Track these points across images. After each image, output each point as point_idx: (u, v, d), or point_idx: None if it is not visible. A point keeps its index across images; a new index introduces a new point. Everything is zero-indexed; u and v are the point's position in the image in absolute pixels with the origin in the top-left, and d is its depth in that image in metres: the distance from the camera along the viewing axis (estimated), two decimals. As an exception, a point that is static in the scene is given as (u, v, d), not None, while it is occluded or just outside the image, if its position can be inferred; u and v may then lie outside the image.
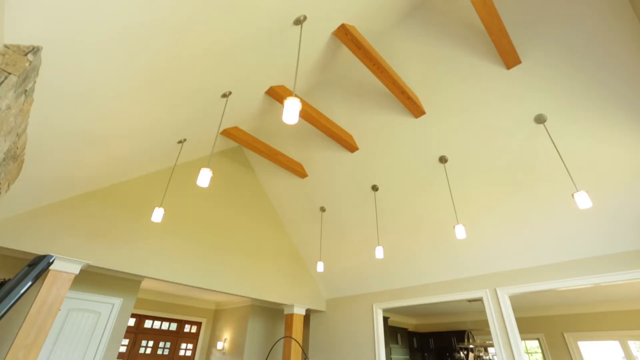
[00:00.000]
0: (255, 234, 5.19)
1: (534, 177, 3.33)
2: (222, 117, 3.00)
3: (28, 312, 3.07)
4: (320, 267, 4.25)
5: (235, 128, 4.15)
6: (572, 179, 2.72)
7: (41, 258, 1.25)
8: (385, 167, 4.10)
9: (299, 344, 2.98)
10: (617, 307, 6.17)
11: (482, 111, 3.27)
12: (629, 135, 2.80)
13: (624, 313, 6.12)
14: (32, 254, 3.37)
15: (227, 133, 4.08)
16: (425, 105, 3.52)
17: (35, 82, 1.58)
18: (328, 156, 4.43)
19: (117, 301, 4.61)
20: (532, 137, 3.16)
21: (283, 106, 3.62)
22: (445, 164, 3.72)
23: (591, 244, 3.41)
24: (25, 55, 1.25)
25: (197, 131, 3.66)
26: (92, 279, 4.51)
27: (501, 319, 3.81)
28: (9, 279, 1.18)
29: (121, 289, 4.70)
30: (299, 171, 4.69)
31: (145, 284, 5.75)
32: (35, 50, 1.31)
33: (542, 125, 3.07)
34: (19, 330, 2.96)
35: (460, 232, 3.14)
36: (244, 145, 4.29)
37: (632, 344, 6.01)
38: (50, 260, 1.27)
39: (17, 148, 1.87)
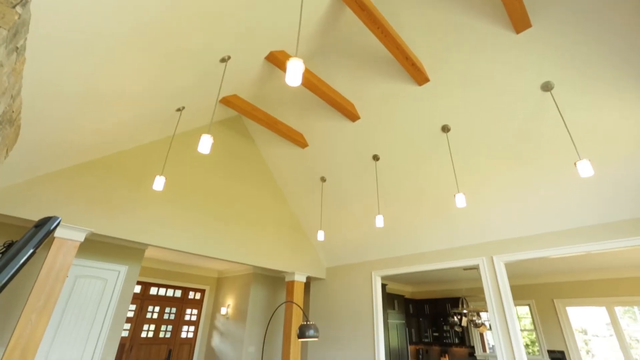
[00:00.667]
0: (255, 203, 5.24)
1: (536, 146, 3.31)
2: (222, 83, 2.91)
3: (37, 278, 3.15)
4: (320, 235, 4.32)
5: (235, 96, 4.05)
6: (575, 147, 2.71)
7: (47, 219, 1.24)
8: (387, 136, 4.06)
9: (300, 308, 3.09)
10: (605, 275, 6.41)
11: (488, 78, 3.18)
12: (637, 104, 2.75)
13: (611, 281, 6.37)
14: (33, 221, 3.40)
15: (226, 101, 3.99)
16: (429, 73, 3.43)
17: (26, 39, 1.50)
18: (329, 125, 4.37)
19: (123, 269, 4.73)
20: (537, 105, 3.10)
21: (284, 72, 3.55)
22: (448, 133, 3.68)
23: (589, 213, 3.46)
24: (14, 7, 1.18)
25: (195, 99, 3.58)
26: (97, 247, 4.60)
27: (496, 286, 3.94)
28: (16, 241, 1.17)
29: (126, 257, 4.80)
30: (300, 141, 4.64)
31: (149, 253, 5.88)
32: (23, 2, 1.24)
33: (548, 93, 3.01)
34: (30, 294, 3.05)
35: (460, 200, 3.17)
36: (244, 114, 4.21)
37: (618, 309, 6.30)
38: (57, 222, 1.27)
39: (13, 112, 1.82)
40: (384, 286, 6.76)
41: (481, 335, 7.66)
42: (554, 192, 3.50)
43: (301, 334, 3.64)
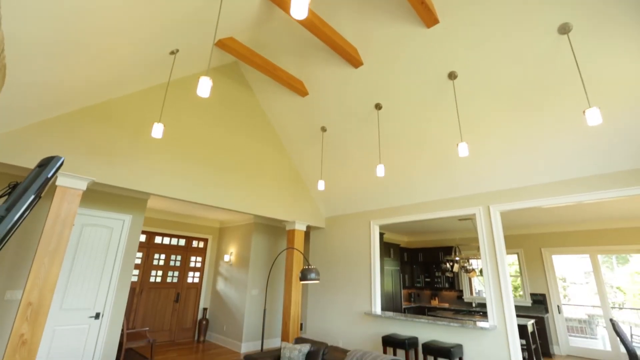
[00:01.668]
0: (255, 154, 5.21)
1: (543, 94, 3.22)
2: (217, 21, 2.71)
3: (44, 225, 3.22)
4: (321, 185, 4.37)
5: (231, 39, 3.82)
6: (586, 94, 2.63)
7: (50, 158, 1.21)
8: (391, 84, 3.92)
9: (302, 253, 3.22)
10: (591, 226, 6.75)
11: (503, 19, 2.98)
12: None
13: (596, 231, 6.75)
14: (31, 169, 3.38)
15: (222, 44, 3.77)
16: (439, 13, 3.20)
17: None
18: (330, 72, 4.19)
19: (127, 218, 4.83)
20: (551, 49, 2.95)
21: (284, 11, 3.29)
22: (455, 80, 3.55)
23: (588, 163, 3.48)
24: None
25: (189, 40, 3.37)
26: (101, 197, 4.66)
27: (490, 234, 4.09)
28: (21, 182, 1.15)
29: (129, 206, 4.88)
30: (299, 89, 4.48)
31: (152, 203, 5.97)
32: None
33: (565, 35, 2.85)
34: (40, 239, 3.14)
35: (463, 149, 3.16)
36: (241, 59, 4.01)
37: (600, 257, 6.69)
38: (61, 161, 1.24)
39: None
40: (381, 235, 7.02)
41: (470, 280, 8.16)
42: (555, 143, 3.48)
43: (303, 277, 3.85)
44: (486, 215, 4.18)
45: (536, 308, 6.92)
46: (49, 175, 1.22)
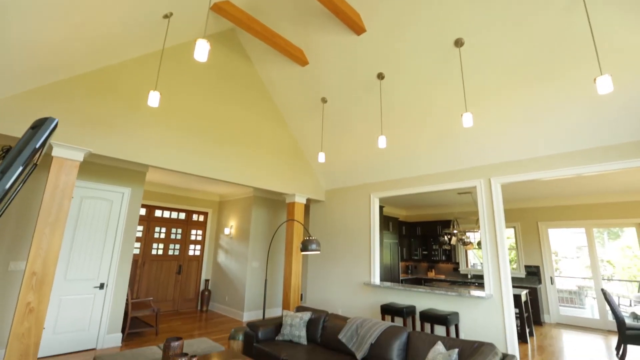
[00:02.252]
0: (254, 126, 5.12)
1: (551, 62, 3.11)
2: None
3: (43, 195, 3.19)
4: (321, 157, 4.32)
5: (228, 2, 3.62)
6: (598, 60, 2.54)
7: (44, 120, 1.15)
8: (394, 52, 3.77)
9: (302, 225, 3.22)
10: (586, 200, 6.86)
11: (514, -21, 2.82)
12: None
13: (591, 205, 6.86)
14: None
15: (218, 8, 3.58)
16: (448, -27, 3.02)
17: None
18: (331, 40, 4.02)
19: (126, 190, 4.81)
20: (564, 12, 2.81)
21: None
22: (461, 48, 3.42)
23: (592, 135, 3.43)
24: None
25: (184, 3, 3.19)
26: (99, 169, 4.61)
27: (490, 206, 4.10)
28: (14, 146, 1.10)
29: (128, 179, 4.85)
30: (299, 57, 4.32)
31: (151, 177, 5.93)
32: None
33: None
34: (39, 210, 3.12)
35: (467, 120, 3.09)
36: (238, 25, 3.83)
37: (595, 230, 6.82)
38: (55, 122, 1.18)
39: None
40: (380, 208, 7.07)
41: (466, 253, 8.33)
42: (560, 114, 3.41)
43: (304, 248, 3.90)
44: (487, 187, 4.17)
45: (530, 279, 7.11)
46: (44, 137, 1.16)
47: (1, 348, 3.66)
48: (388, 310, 4.35)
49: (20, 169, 1.06)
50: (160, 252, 6.73)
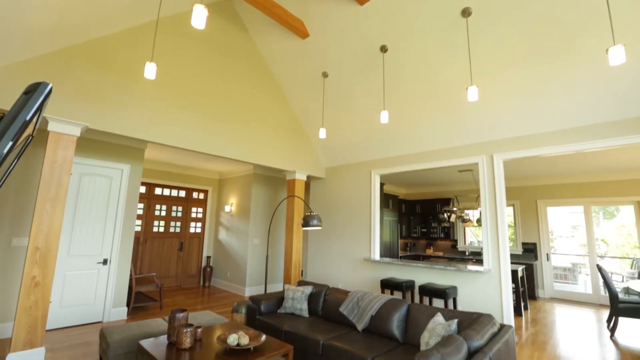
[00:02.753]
0: (253, 102, 5.01)
1: (562, 33, 3.00)
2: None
3: (41, 171, 3.15)
4: (322, 133, 4.26)
5: (223, -32, 3.44)
6: (612, 31, 2.44)
7: (37, 84, 1.10)
8: (399, 23, 3.63)
9: (303, 200, 3.21)
10: (585, 178, 6.89)
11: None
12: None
13: (590, 183, 6.90)
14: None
15: (214, -25, 3.40)
16: None
17: None
18: (332, 10, 3.86)
19: (125, 167, 4.77)
20: (578, -22, 2.68)
21: None
22: (468, 18, 3.29)
23: (599, 110, 3.37)
24: None
25: (178, -32, 3.02)
26: (97, 146, 4.55)
27: (492, 183, 4.09)
28: (6, 113, 1.04)
29: (127, 156, 4.80)
30: (299, 29, 4.17)
31: (150, 154, 5.87)
32: None
33: (595, -39, 2.56)
34: (39, 186, 3.09)
35: (472, 93, 3.01)
36: (236, -6, 3.65)
37: (593, 207, 6.89)
38: (49, 87, 1.12)
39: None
40: (380, 186, 7.08)
41: (464, 230, 8.43)
42: (567, 89, 3.33)
43: (305, 223, 3.91)
44: (489, 164, 4.15)
45: (526, 256, 7.24)
46: (39, 101, 1.11)
47: (10, 321, 3.75)
48: (388, 284, 4.44)
49: (17, 134, 1.02)
50: (161, 229, 6.78)
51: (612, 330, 4.41)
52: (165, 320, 3.35)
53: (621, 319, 5.34)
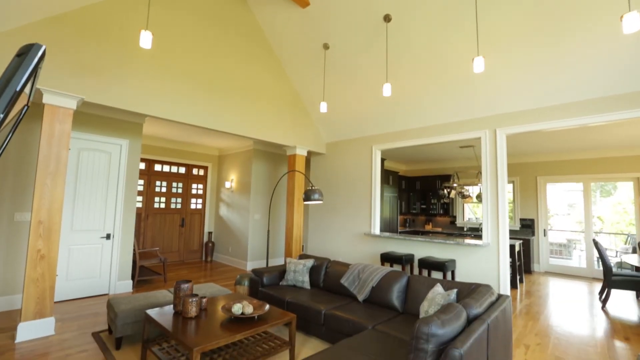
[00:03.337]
0: (253, 76, 4.88)
1: (570, 3, 2.87)
2: None
3: (39, 146, 3.11)
4: (323, 107, 4.18)
5: None
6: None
7: (30, 46, 1.04)
8: (404, -11, 3.47)
9: (304, 175, 3.20)
10: (586, 155, 6.89)
11: None
12: None
13: (590, 160, 6.90)
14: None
15: None
16: None
17: None
18: (335, -24, 3.68)
19: (124, 142, 4.71)
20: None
21: None
22: (477, -16, 3.14)
23: (606, 83, 3.29)
24: None
25: None
26: (95, 121, 4.47)
27: (494, 157, 4.07)
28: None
29: (125, 131, 4.73)
30: (300, -3, 3.99)
31: (149, 130, 5.80)
32: None
33: None
34: (37, 161, 3.06)
35: (479, 64, 2.93)
36: (233, -43, 3.46)
37: (593, 184, 6.93)
38: (42, 48, 1.06)
39: None
40: (382, 161, 7.06)
41: (463, 206, 8.50)
42: (573, 62, 3.24)
43: (307, 198, 3.92)
44: (492, 138, 4.11)
45: (524, 232, 7.34)
46: (34, 63, 1.06)
47: (18, 293, 3.83)
48: (387, 258, 4.52)
49: (13, 97, 0.99)
50: (162, 205, 6.81)
51: (604, 302, 4.54)
52: (171, 292, 3.43)
53: (613, 291, 5.50)
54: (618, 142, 5.85)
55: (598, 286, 5.89)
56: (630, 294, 5.35)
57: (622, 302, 4.85)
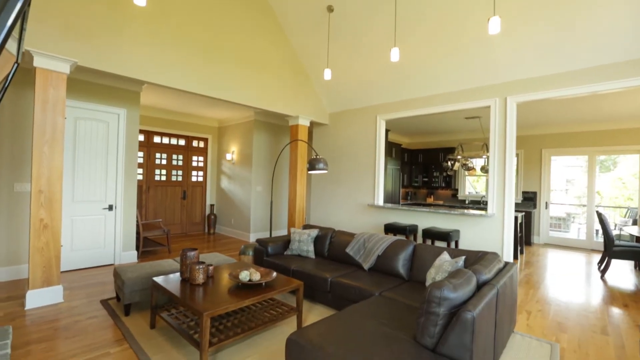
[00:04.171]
0: (254, 42, 4.65)
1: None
2: None
3: (33, 112, 2.99)
4: (327, 74, 4.01)
5: None
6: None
7: None
8: (416, -58, 3.20)
9: (308, 143, 3.10)
10: (591, 127, 6.77)
11: None
12: None
13: (596, 132, 6.80)
14: None
15: None
16: None
17: None
18: None
19: (122, 112, 4.57)
20: None
21: None
22: None
23: (624, 47, 3.12)
24: None
25: None
26: (91, 88, 4.31)
27: (503, 127, 3.96)
28: None
29: (123, 99, 4.58)
30: (304, -48, 3.70)
31: (146, 100, 5.62)
32: None
33: None
34: (33, 129, 2.95)
35: (494, 25, 2.75)
36: None
37: (585, 164, 6.91)
38: None
39: None
40: (386, 132, 6.92)
41: (465, 180, 8.47)
42: (591, 24, 3.05)
43: (311, 167, 3.85)
44: (502, 107, 3.98)
45: (525, 204, 7.35)
46: (20, 3, 0.93)
47: (24, 263, 3.85)
48: (391, 229, 4.52)
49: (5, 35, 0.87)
50: (163, 178, 6.75)
51: (603, 272, 4.61)
52: (176, 261, 3.44)
53: (613, 262, 5.59)
54: (627, 113, 5.71)
55: (596, 257, 5.97)
56: (627, 265, 5.43)
57: (619, 272, 4.93)
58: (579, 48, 3.30)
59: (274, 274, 2.67)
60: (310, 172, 3.78)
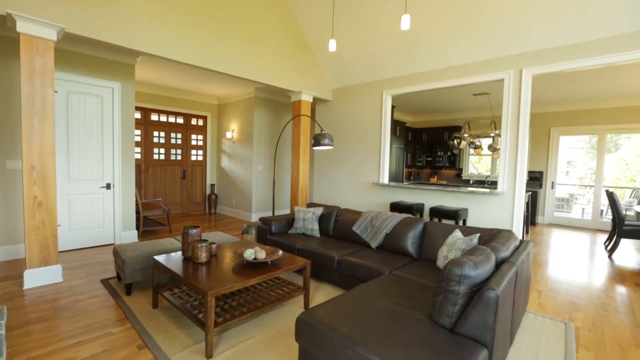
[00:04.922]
0: (255, 14, 4.37)
1: None
2: None
3: (20, 83, 2.79)
4: (332, 45, 3.76)
5: None
6: None
7: None
8: None
9: (312, 118, 2.93)
10: (601, 104, 6.55)
11: None
12: None
13: (606, 110, 6.59)
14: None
15: None
16: None
17: None
18: None
19: (116, 85, 4.35)
20: None
21: None
22: None
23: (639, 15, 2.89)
24: None
25: None
26: (82, 60, 4.07)
27: (517, 101, 3.77)
28: None
29: (116, 72, 4.34)
30: None
31: (142, 75, 5.36)
32: None
33: None
34: (20, 100, 2.77)
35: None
36: None
37: (587, 146, 6.72)
38: None
39: None
40: (392, 108, 6.70)
41: (469, 159, 8.31)
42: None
43: (316, 142, 3.69)
44: (516, 80, 3.77)
45: (531, 184, 7.23)
46: None
47: (20, 242, 3.75)
48: (397, 207, 4.41)
49: None
50: (162, 157, 6.58)
51: (611, 251, 4.54)
52: (178, 240, 3.34)
53: (621, 241, 5.52)
54: (637, 90, 5.48)
55: (601, 237, 5.91)
56: (632, 244, 5.37)
57: (625, 252, 4.87)
58: (599, 15, 3.06)
59: (280, 252, 2.57)
60: (315, 147, 3.62)
